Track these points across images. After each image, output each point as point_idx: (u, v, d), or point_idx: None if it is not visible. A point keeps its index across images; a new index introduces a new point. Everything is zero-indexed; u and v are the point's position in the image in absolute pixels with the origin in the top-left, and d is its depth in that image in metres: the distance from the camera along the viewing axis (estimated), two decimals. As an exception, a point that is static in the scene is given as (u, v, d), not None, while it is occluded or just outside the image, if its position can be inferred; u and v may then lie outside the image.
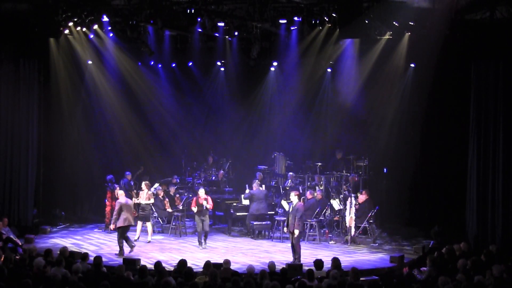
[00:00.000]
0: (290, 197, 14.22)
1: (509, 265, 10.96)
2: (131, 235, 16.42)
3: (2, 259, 11.27)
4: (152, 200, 16.40)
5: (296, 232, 13.63)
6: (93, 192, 19.64)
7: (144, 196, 16.28)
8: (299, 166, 19.78)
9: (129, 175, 18.67)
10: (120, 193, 15.35)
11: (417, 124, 17.42)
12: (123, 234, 14.54)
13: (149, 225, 16.16)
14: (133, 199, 16.38)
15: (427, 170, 17.25)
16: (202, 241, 15.45)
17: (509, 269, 10.41)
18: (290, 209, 13.96)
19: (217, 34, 17.41)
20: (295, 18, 16.04)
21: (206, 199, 15.53)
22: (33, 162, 17.06)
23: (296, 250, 13.80)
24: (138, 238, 16.09)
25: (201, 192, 15.67)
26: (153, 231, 16.67)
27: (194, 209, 15.53)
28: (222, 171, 19.74)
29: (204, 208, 15.44)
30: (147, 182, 16.66)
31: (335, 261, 10.95)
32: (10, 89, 16.81)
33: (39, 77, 17.22)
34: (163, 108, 20.76)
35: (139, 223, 16.23)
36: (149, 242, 15.92)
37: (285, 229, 14.40)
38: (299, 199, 14.08)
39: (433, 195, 17.06)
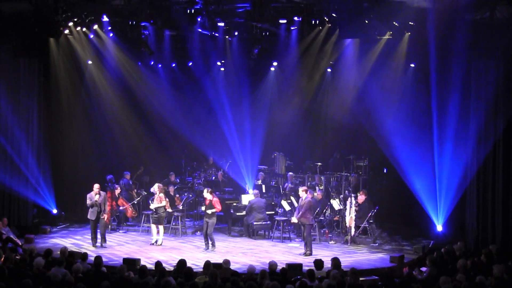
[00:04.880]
0: (299, 193, 15.03)
1: (509, 265, 10.95)
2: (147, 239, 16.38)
3: (2, 259, 11.27)
4: (164, 203, 16.00)
5: (294, 220, 14.79)
6: (93, 192, 19.61)
7: (155, 199, 15.94)
8: (299, 166, 19.80)
9: (128, 175, 18.70)
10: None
11: (417, 124, 17.39)
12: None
13: (161, 228, 15.86)
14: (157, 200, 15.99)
15: (427, 170, 17.22)
16: (209, 243, 15.20)
17: (509, 269, 10.40)
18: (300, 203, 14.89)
19: (217, 34, 17.42)
20: (295, 18, 16.06)
21: (210, 201, 15.23)
22: (33, 162, 17.05)
23: (307, 243, 14.62)
24: (156, 241, 15.77)
25: (205, 193, 15.46)
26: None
27: (203, 208, 15.44)
28: (222, 171, 19.73)
29: (209, 212, 15.20)
30: (160, 184, 16.37)
31: (335, 261, 10.95)
32: (10, 89, 16.81)
33: (39, 77, 17.22)
34: (163, 108, 20.74)
35: (153, 227, 15.96)
36: (160, 245, 15.66)
37: (292, 218, 15.38)
38: (307, 193, 14.91)
39: (433, 195, 17.05)
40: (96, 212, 15.37)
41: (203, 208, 15.47)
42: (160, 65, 20.09)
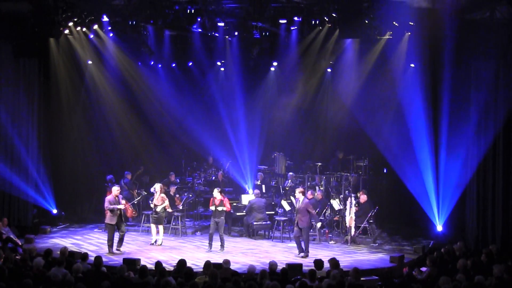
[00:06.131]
0: (296, 194, 14.91)
1: (509, 265, 10.96)
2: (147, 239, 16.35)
3: (1, 259, 11.27)
4: (166, 203, 15.94)
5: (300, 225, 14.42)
6: (93, 192, 19.65)
7: (156, 199, 15.88)
8: (299, 166, 19.79)
9: (129, 175, 18.73)
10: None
11: (417, 123, 17.39)
12: None
13: (161, 228, 15.85)
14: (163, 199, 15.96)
15: (427, 169, 17.23)
16: (214, 243, 15.11)
17: (509, 269, 10.41)
18: (297, 206, 14.73)
19: (217, 34, 17.42)
20: (295, 18, 16.07)
21: (221, 201, 15.20)
22: (33, 162, 17.05)
23: (305, 245, 14.47)
24: (156, 241, 15.76)
25: (215, 192, 15.33)
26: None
27: (212, 208, 15.28)
28: (222, 171, 19.73)
29: (220, 209, 15.11)
30: (161, 184, 16.37)
31: (333, 261, 10.94)
32: (10, 89, 16.81)
33: (39, 77, 17.23)
34: (163, 108, 20.73)
35: (153, 227, 15.94)
36: (160, 245, 15.65)
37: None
38: (304, 195, 14.82)
39: (433, 195, 17.06)
40: (117, 216, 14.78)
41: (212, 208, 15.28)
42: (160, 65, 20.06)
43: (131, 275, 10.29)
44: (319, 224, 15.65)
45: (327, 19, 16.13)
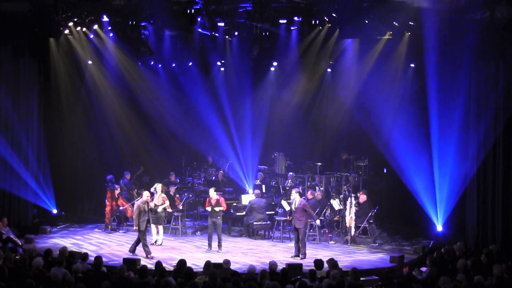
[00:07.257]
0: (292, 195, 14.81)
1: (509, 265, 10.96)
2: (147, 239, 16.22)
3: (2, 259, 11.26)
4: (166, 203, 15.97)
5: (301, 225, 14.37)
6: (93, 192, 19.65)
7: (156, 199, 15.85)
8: (299, 166, 19.79)
9: (128, 175, 18.73)
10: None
11: (417, 123, 17.39)
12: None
13: (161, 228, 15.87)
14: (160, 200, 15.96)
15: (427, 169, 17.22)
16: (213, 243, 15.06)
17: (509, 269, 10.41)
18: (293, 206, 14.60)
19: (217, 34, 17.42)
20: (295, 18, 16.07)
21: (217, 200, 15.16)
22: (33, 162, 17.05)
23: (301, 246, 14.36)
24: (156, 241, 15.78)
25: (211, 192, 15.30)
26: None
27: (208, 208, 15.26)
28: (221, 171, 19.73)
29: (217, 210, 15.08)
30: (162, 184, 16.38)
31: (331, 262, 10.93)
32: (10, 89, 16.81)
33: (39, 77, 17.23)
34: (163, 108, 20.73)
35: (153, 226, 15.88)
36: (160, 244, 15.66)
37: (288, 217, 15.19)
38: (300, 196, 14.78)
39: (433, 195, 17.06)
40: (146, 221, 14.55)
41: (208, 208, 15.27)
42: (160, 65, 20.07)
43: (131, 275, 10.29)
44: (318, 221, 15.61)
45: (327, 19, 16.14)
